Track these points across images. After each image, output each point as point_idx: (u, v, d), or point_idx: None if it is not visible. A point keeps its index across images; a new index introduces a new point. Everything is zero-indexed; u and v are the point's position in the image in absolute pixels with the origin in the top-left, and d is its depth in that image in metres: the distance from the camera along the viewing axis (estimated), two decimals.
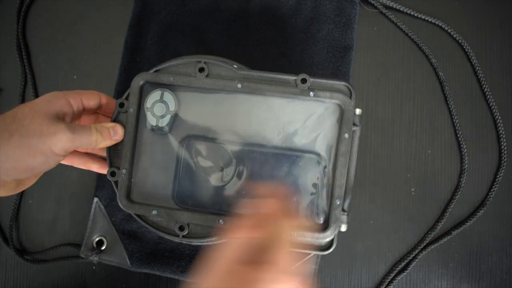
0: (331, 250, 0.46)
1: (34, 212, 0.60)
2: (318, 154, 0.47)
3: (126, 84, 0.59)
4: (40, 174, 0.45)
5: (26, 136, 0.40)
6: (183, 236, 0.47)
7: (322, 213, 0.47)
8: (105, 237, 0.57)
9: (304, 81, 0.46)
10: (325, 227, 0.46)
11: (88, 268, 0.59)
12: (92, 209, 0.57)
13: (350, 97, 0.46)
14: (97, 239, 0.57)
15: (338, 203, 0.45)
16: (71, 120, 0.45)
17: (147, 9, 0.61)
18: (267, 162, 0.47)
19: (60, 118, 0.43)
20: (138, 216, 0.48)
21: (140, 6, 0.61)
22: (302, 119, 0.47)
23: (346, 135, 0.45)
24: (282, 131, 0.47)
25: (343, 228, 0.46)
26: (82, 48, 0.62)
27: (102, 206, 0.57)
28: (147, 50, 0.60)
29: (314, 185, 0.47)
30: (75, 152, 0.50)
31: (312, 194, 0.47)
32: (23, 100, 0.62)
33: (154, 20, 0.60)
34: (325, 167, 0.47)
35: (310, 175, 0.47)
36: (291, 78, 0.46)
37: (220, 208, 0.48)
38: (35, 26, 0.63)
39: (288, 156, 0.47)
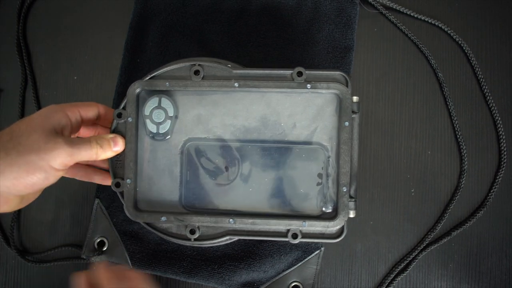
0: (342, 237, 0.47)
1: (34, 213, 0.60)
2: (320, 145, 0.48)
3: (127, 85, 0.57)
4: (42, 189, 0.44)
5: (23, 153, 0.39)
6: (194, 239, 0.47)
7: (330, 201, 0.48)
8: (106, 238, 0.57)
9: (300, 74, 0.46)
10: (334, 215, 0.47)
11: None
12: (93, 210, 0.57)
13: (347, 86, 0.47)
14: (99, 240, 0.57)
15: (345, 190, 0.46)
16: (70, 133, 0.45)
17: (147, 10, 0.60)
18: (271, 157, 0.48)
19: (58, 132, 0.42)
20: (147, 223, 0.48)
21: (141, 7, 0.60)
22: (301, 111, 0.48)
23: (346, 123, 0.46)
24: (283, 125, 0.48)
25: (352, 214, 0.47)
26: (83, 48, 0.62)
27: (103, 207, 0.57)
28: (147, 51, 0.60)
29: (320, 175, 0.48)
30: (76, 165, 0.49)
31: (318, 184, 0.48)
32: (23, 101, 0.62)
33: (154, 21, 0.60)
34: (328, 156, 0.47)
35: (315, 166, 0.48)
36: (287, 72, 0.47)
37: (228, 208, 0.48)
38: (35, 26, 0.63)
39: (291, 149, 0.48)
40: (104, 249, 0.57)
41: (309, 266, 0.56)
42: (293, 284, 0.56)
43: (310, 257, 0.56)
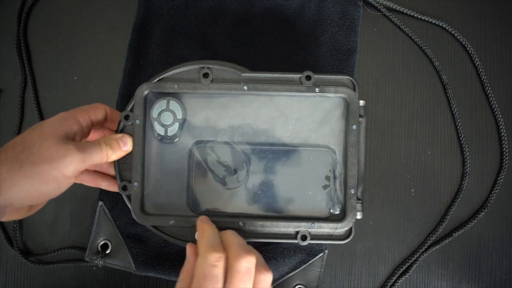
0: (350, 238, 0.48)
1: (36, 214, 0.59)
2: (328, 148, 0.48)
3: (130, 88, 0.58)
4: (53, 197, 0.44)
5: (37, 164, 0.39)
6: None
7: (338, 203, 0.48)
8: (109, 241, 0.57)
9: (308, 78, 0.47)
10: (342, 217, 0.48)
11: (89, 269, 0.59)
12: (97, 213, 0.57)
13: (354, 90, 0.47)
14: (102, 242, 0.57)
15: (353, 192, 0.47)
16: (81, 138, 0.45)
17: (150, 12, 0.60)
18: (279, 159, 0.49)
19: (70, 138, 0.42)
20: (155, 227, 0.48)
21: (144, 9, 0.60)
22: (309, 115, 0.48)
23: (354, 127, 0.47)
24: (291, 129, 0.48)
25: (359, 215, 0.48)
26: (83, 49, 0.62)
27: (106, 210, 0.57)
28: (150, 54, 0.59)
29: (327, 178, 0.48)
30: (83, 170, 0.49)
31: (326, 186, 0.48)
32: (23, 101, 0.61)
33: (157, 24, 0.60)
34: (336, 159, 0.48)
35: (322, 169, 0.49)
36: (296, 76, 0.47)
37: (237, 210, 0.48)
38: (36, 26, 0.62)
39: (299, 152, 0.49)
40: (108, 251, 0.57)
41: (313, 268, 0.56)
42: (297, 287, 0.56)
43: (314, 259, 0.56)
